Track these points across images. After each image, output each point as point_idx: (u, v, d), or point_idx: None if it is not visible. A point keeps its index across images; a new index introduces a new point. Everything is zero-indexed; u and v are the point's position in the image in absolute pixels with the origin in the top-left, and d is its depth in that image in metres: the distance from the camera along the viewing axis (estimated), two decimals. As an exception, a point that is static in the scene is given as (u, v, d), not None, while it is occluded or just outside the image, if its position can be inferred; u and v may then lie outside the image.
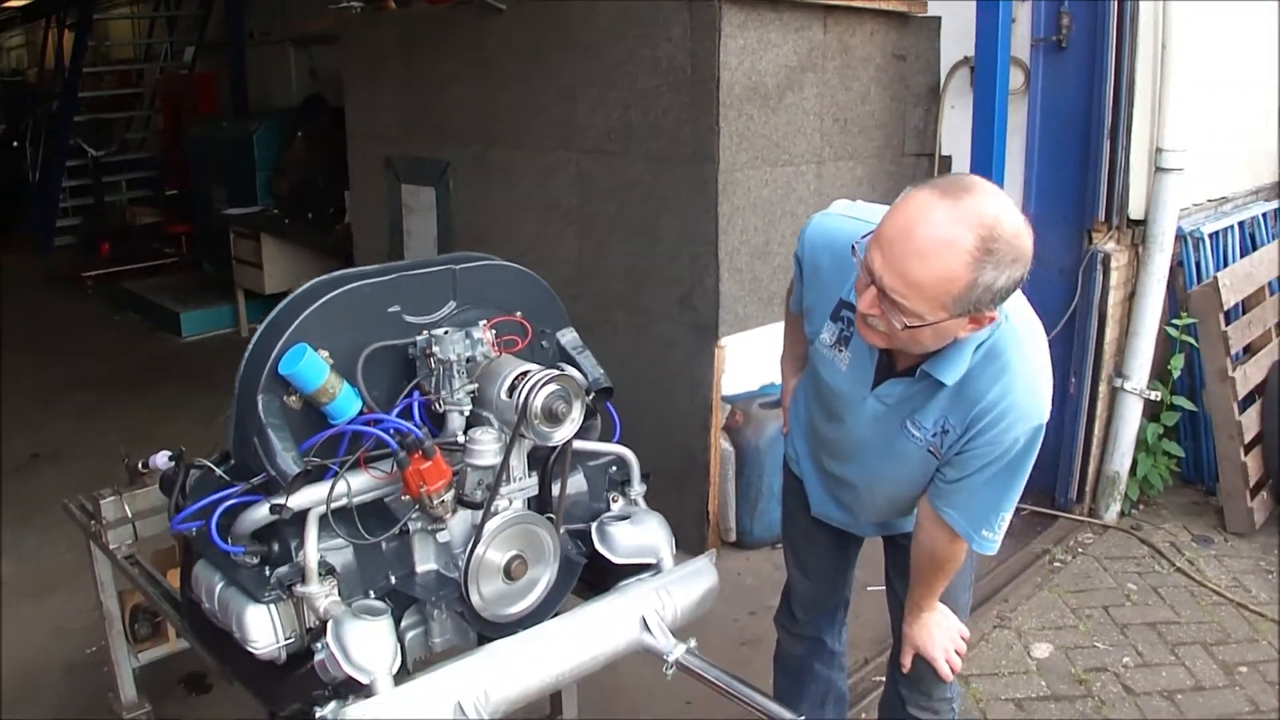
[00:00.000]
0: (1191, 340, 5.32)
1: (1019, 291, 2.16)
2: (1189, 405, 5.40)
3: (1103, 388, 5.22)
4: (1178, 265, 5.41)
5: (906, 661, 2.75)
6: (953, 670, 2.72)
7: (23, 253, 13.29)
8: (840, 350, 2.46)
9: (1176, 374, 5.35)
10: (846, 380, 2.47)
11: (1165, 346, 5.37)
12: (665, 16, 4.60)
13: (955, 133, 5.41)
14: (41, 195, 13.44)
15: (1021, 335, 2.28)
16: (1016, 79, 5.13)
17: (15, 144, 15.18)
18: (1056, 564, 4.90)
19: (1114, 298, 5.11)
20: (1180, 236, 5.35)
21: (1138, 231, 5.16)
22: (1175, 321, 5.34)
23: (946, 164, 5.50)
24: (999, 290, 2.04)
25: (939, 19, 5.42)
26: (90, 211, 13.32)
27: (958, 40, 5.32)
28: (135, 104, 14.35)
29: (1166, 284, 5.21)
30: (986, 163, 4.99)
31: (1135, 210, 5.13)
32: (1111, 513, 5.29)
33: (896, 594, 2.87)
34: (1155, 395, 5.25)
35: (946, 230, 1.99)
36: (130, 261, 11.49)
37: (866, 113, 5.26)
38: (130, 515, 3.27)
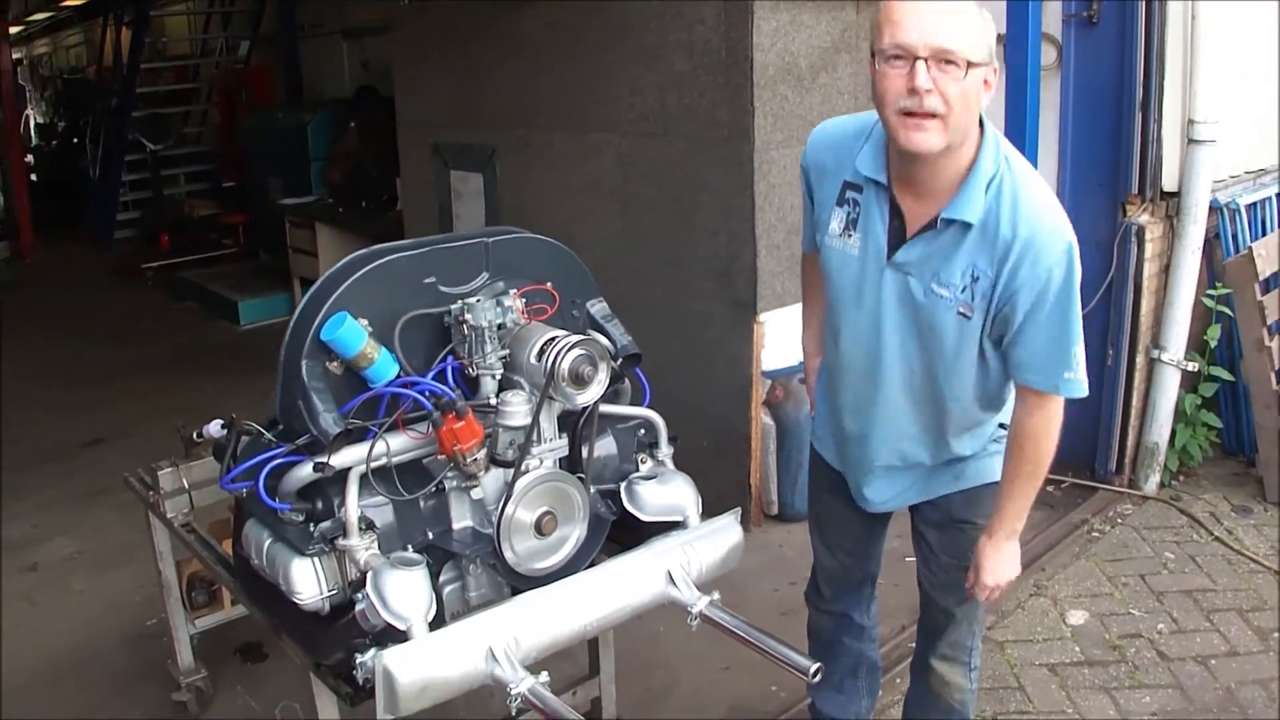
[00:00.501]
0: (1228, 311, 5.33)
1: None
2: (1227, 376, 5.40)
3: (1140, 359, 5.23)
4: (1214, 237, 5.42)
5: (973, 578, 2.72)
6: (988, 602, 2.79)
7: (84, 246, 13.55)
8: (849, 235, 2.53)
9: (1214, 344, 5.36)
10: (859, 263, 2.52)
11: (1203, 318, 5.38)
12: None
13: (990, 109, 5.39)
14: (102, 190, 13.71)
15: (1024, 173, 2.40)
16: (1049, 55, 5.15)
17: (75, 140, 15.47)
18: (1095, 534, 4.93)
19: (1149, 270, 5.13)
20: (1217, 208, 5.36)
21: (1172, 204, 5.17)
22: (1211, 292, 5.35)
23: (982, 140, 5.52)
24: (994, 33, 2.29)
25: (972, -4, 5.45)
26: (149, 205, 13.56)
27: (990, 17, 5.33)
28: (192, 98, 14.59)
29: (1203, 255, 5.22)
30: (1020, 138, 5.00)
31: (1169, 182, 5.15)
32: (1151, 484, 5.30)
33: (925, 567, 2.94)
34: (1192, 366, 5.26)
35: None
36: (189, 252, 11.70)
37: (901, 91, 5.30)
38: (186, 485, 3.42)
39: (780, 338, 4.87)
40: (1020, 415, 2.52)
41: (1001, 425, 2.71)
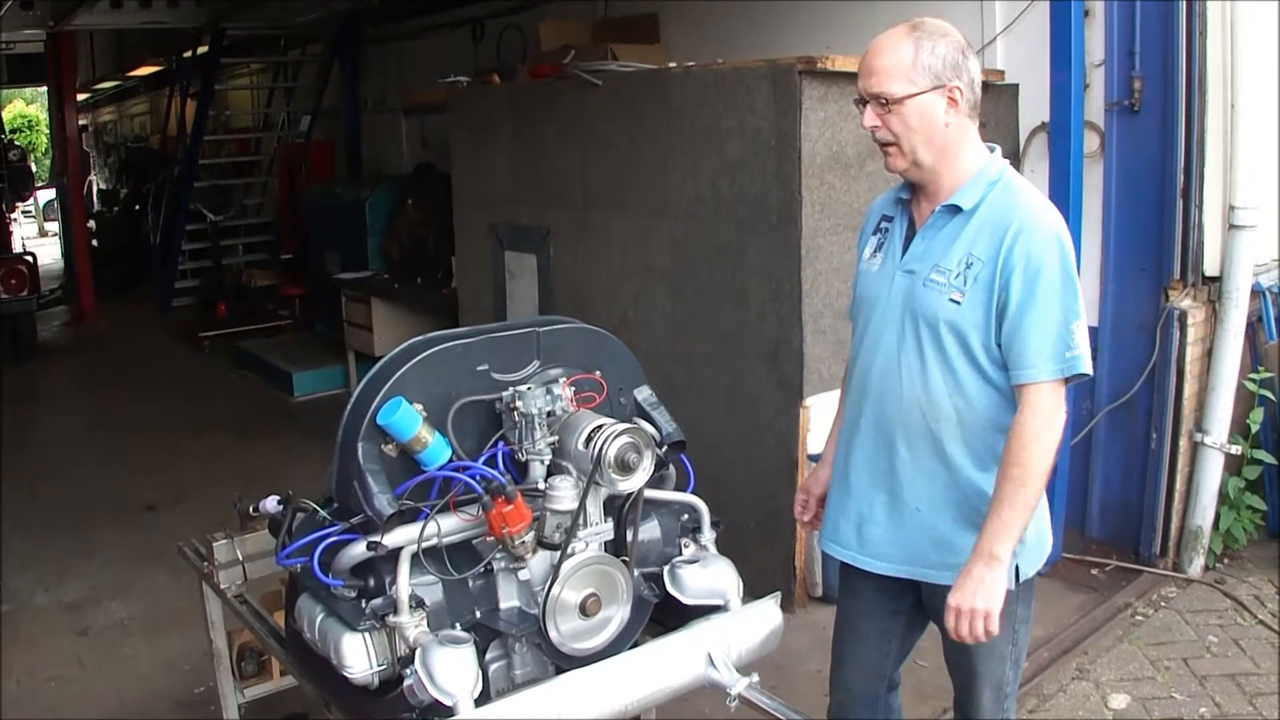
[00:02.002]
0: (1270, 394, 5.36)
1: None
2: (1270, 459, 5.41)
3: (1183, 442, 5.25)
4: (1257, 320, 5.45)
5: (948, 623, 2.59)
6: (960, 640, 2.58)
7: (144, 311, 13.78)
8: (876, 255, 2.83)
9: (1256, 428, 5.37)
10: (878, 276, 2.79)
11: (1246, 401, 5.39)
12: (750, 90, 4.81)
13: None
14: (162, 256, 13.91)
15: (1023, 181, 2.71)
16: (1092, 142, 5.24)
17: (137, 207, 15.74)
18: (1138, 617, 4.91)
19: (1192, 353, 5.17)
20: (1259, 292, 5.40)
21: (1214, 288, 5.21)
22: (1254, 376, 5.38)
23: (1027, 226, 5.59)
24: (944, 57, 2.56)
25: (1017, 86, 5.54)
26: (208, 273, 13.74)
27: (1035, 106, 5.42)
28: (253, 170, 14.79)
29: (1245, 339, 5.25)
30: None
31: (1210, 267, 5.20)
32: (1195, 567, 5.28)
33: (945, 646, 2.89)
34: (1236, 449, 5.26)
35: (887, 34, 2.63)
36: (246, 322, 11.88)
37: (948, 178, 5.38)
38: (241, 557, 3.49)
39: (826, 421, 4.88)
40: (1014, 420, 2.56)
41: None
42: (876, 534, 2.78)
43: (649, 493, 2.68)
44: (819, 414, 4.87)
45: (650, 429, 2.70)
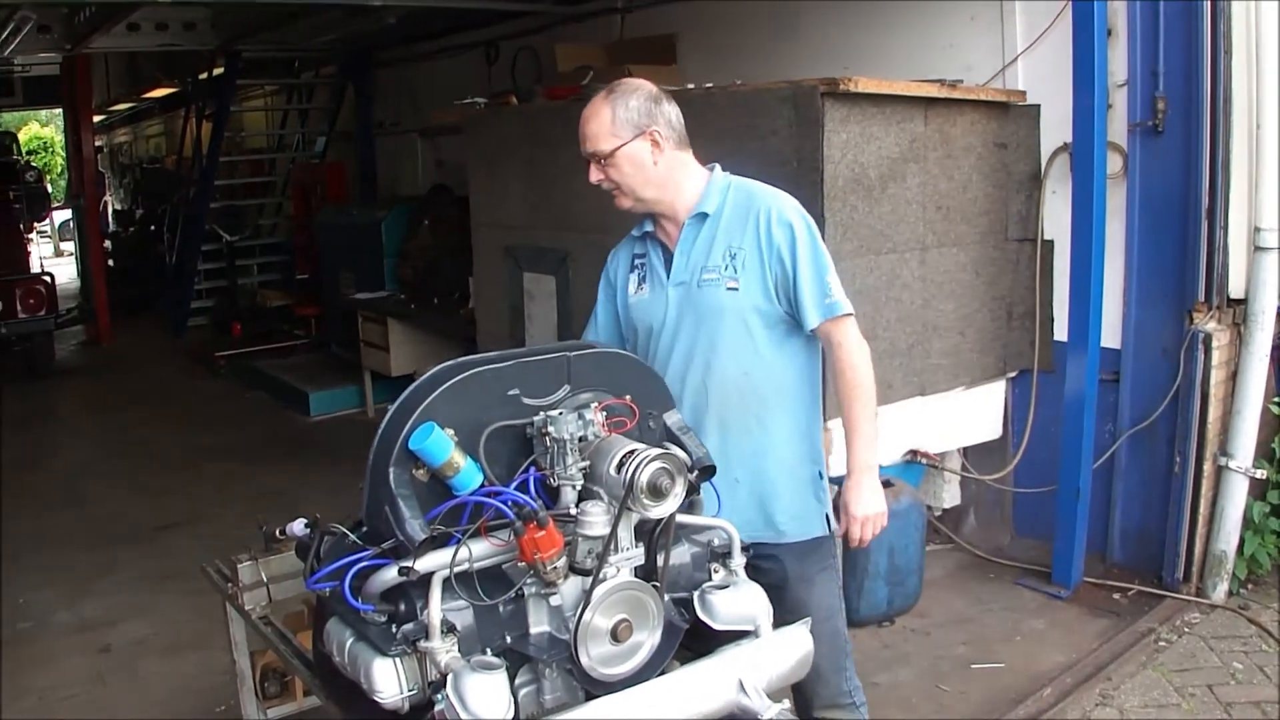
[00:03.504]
0: (1296, 418, 5.31)
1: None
2: (1294, 483, 5.37)
3: (1207, 467, 5.23)
4: (1283, 343, 5.42)
5: (844, 521, 3.21)
6: (862, 544, 3.22)
7: (159, 331, 13.84)
8: (641, 287, 3.27)
9: (1282, 452, 5.33)
10: (650, 301, 3.23)
11: (1271, 425, 5.37)
12: (771, 112, 4.80)
13: (1057, 217, 5.51)
14: (177, 277, 13.98)
15: (748, 179, 3.22)
16: (1115, 163, 5.23)
17: (153, 228, 15.81)
18: (1162, 643, 4.88)
19: (1216, 377, 5.15)
20: (1284, 314, 5.36)
21: (1238, 311, 5.20)
22: (1279, 399, 5.35)
23: (1049, 248, 5.60)
24: (637, 109, 3.03)
25: (1038, 107, 5.54)
26: (223, 293, 13.82)
27: (1057, 127, 5.43)
28: (268, 191, 14.87)
29: (1271, 362, 5.22)
30: (1087, 246, 5.07)
31: (1235, 290, 5.19)
32: (1219, 592, 5.25)
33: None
34: (1261, 474, 5.24)
35: (591, 103, 3.09)
36: (261, 342, 11.94)
37: (968, 200, 5.39)
38: (265, 579, 3.50)
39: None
40: (831, 353, 3.15)
41: (819, 471, 3.30)
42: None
43: (679, 517, 2.67)
44: (840, 436, 4.82)
45: (681, 454, 2.68)
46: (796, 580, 3.22)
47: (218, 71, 13.29)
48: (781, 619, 2.86)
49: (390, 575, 2.43)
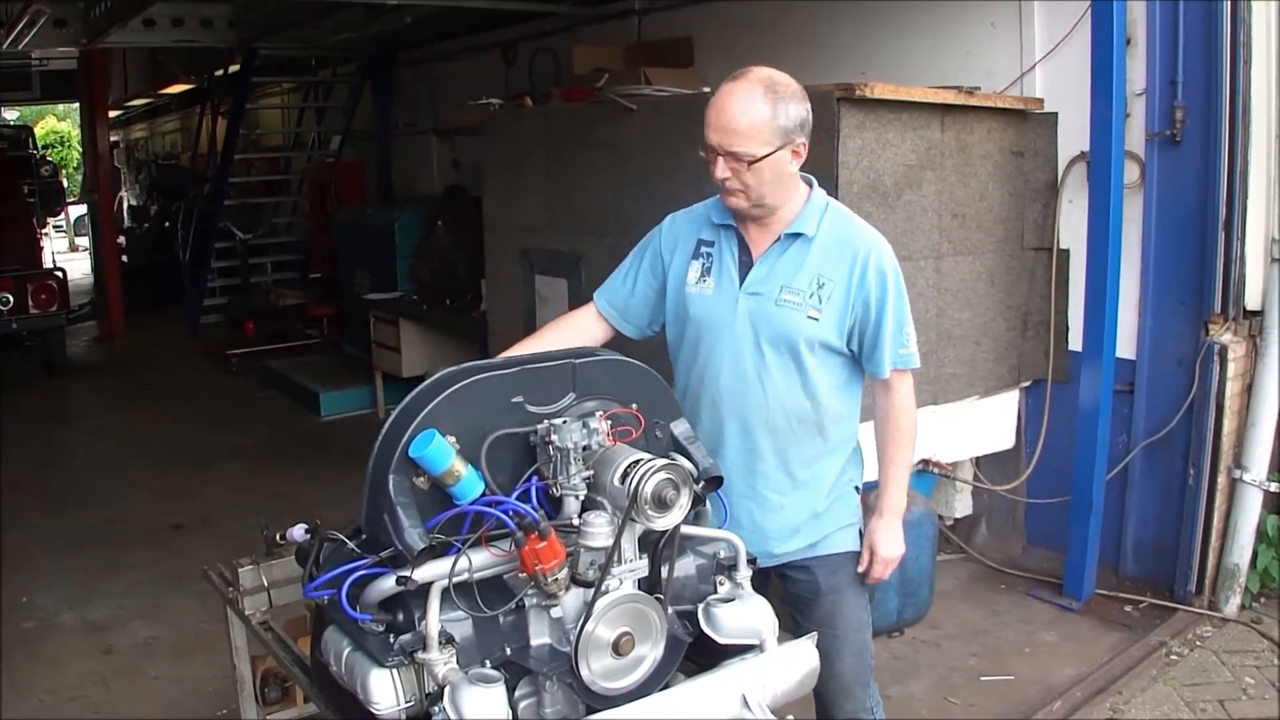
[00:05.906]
0: (1312, 432, 5.25)
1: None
2: (1310, 497, 5.31)
3: (1221, 479, 5.20)
4: (1300, 356, 5.36)
5: (867, 558, 3.19)
6: (879, 582, 3.22)
7: (172, 328, 13.84)
8: (705, 279, 3.10)
9: (1297, 465, 5.27)
10: (715, 299, 3.07)
11: (1287, 438, 5.30)
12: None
13: (1073, 226, 5.48)
14: (191, 275, 13.95)
15: (840, 205, 3.12)
16: (1132, 173, 5.20)
17: (167, 224, 15.83)
18: (1173, 657, 4.85)
19: (1232, 389, 5.11)
20: (1301, 327, 5.31)
21: (1255, 322, 5.16)
22: (1295, 413, 5.28)
23: (1065, 258, 5.56)
24: (798, 116, 2.84)
25: (1056, 115, 5.50)
26: (237, 291, 13.82)
27: (1075, 136, 5.39)
28: (283, 189, 14.89)
29: (1287, 375, 5.17)
30: (1104, 256, 5.03)
31: (1252, 301, 5.15)
32: (1231, 605, 5.22)
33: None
34: (1275, 486, 5.21)
35: (743, 91, 2.82)
36: (274, 341, 11.90)
37: (985, 208, 5.35)
38: (266, 584, 3.46)
39: (866, 453, 4.86)
40: (887, 398, 3.13)
41: (855, 487, 3.24)
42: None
43: (684, 529, 2.63)
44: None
45: (687, 464, 2.64)
46: (828, 593, 3.20)
47: (235, 68, 13.28)
48: (810, 631, 2.85)
49: (388, 585, 2.39)
